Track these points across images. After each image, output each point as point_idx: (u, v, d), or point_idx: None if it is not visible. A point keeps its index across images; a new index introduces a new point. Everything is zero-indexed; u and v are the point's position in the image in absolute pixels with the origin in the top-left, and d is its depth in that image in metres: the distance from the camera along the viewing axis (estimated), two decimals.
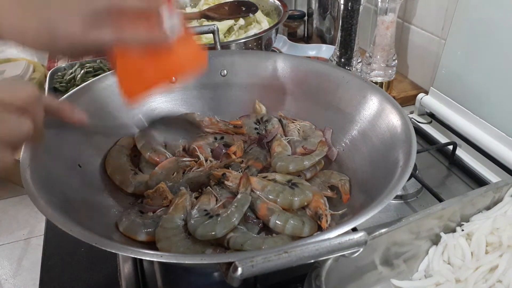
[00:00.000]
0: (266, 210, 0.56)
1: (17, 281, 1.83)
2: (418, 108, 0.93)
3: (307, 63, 0.76)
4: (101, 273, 0.63)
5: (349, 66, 1.01)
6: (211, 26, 0.79)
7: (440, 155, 0.83)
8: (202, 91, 0.78)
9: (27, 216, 2.14)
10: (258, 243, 0.52)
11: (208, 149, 0.70)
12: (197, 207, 0.56)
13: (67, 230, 0.42)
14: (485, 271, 0.51)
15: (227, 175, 0.61)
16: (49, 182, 0.50)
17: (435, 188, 0.70)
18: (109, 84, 0.69)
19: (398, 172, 0.51)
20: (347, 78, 0.70)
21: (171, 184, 0.62)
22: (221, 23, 1.03)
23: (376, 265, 0.52)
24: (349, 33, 0.97)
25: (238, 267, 0.35)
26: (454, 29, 0.81)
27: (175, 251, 0.51)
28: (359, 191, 0.60)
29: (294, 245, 0.37)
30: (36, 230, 2.06)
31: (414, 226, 0.52)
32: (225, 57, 0.78)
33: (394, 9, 0.89)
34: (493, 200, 0.58)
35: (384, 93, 0.65)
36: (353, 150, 0.66)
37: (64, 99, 0.64)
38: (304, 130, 0.72)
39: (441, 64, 0.86)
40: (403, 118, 0.59)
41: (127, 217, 0.56)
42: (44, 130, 0.45)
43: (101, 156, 0.64)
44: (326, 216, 0.56)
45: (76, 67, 1.09)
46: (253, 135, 0.73)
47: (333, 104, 0.71)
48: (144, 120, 0.73)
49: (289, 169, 0.64)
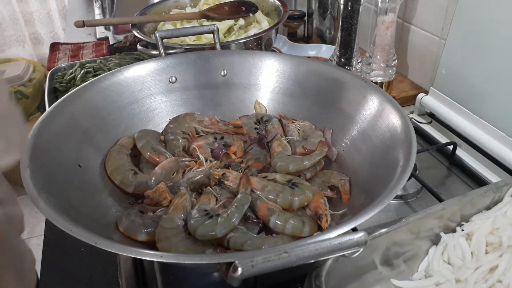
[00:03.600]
0: (266, 210, 0.56)
1: None
2: (418, 108, 0.93)
3: (307, 63, 0.76)
4: (101, 273, 0.63)
5: (349, 66, 1.01)
6: (211, 26, 0.79)
7: (440, 155, 0.83)
8: (202, 91, 0.78)
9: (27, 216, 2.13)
10: (258, 243, 0.52)
11: (208, 149, 0.70)
12: (197, 207, 0.56)
13: (67, 230, 0.42)
14: (485, 271, 0.51)
15: (227, 175, 0.61)
16: (49, 182, 0.50)
17: (435, 188, 0.70)
18: (109, 84, 0.69)
19: (398, 172, 0.51)
20: (347, 78, 0.70)
21: (171, 184, 0.62)
22: (221, 23, 1.03)
23: (376, 265, 0.52)
24: (349, 33, 0.97)
25: (238, 267, 0.35)
26: (454, 29, 0.81)
27: (175, 251, 0.51)
28: (359, 191, 0.60)
29: (294, 245, 0.37)
30: (36, 230, 2.06)
31: (414, 226, 0.52)
32: (225, 57, 0.78)
33: (394, 9, 0.89)
34: (493, 200, 0.58)
35: (384, 93, 0.65)
36: (353, 150, 0.66)
37: (64, 99, 0.64)
38: (304, 130, 0.72)
39: (441, 64, 0.86)
40: (403, 118, 0.58)
41: (127, 217, 0.56)
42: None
43: (101, 156, 0.64)
44: (326, 216, 0.56)
45: (76, 67, 1.09)
46: (253, 135, 0.73)
47: (333, 104, 0.71)
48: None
49: (289, 169, 0.64)
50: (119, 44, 1.29)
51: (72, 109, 0.63)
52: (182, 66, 0.76)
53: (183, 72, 0.76)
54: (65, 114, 0.62)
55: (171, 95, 0.76)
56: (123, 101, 0.71)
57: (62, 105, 0.63)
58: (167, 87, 0.75)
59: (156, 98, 0.75)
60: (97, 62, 1.11)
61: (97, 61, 1.12)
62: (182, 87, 0.76)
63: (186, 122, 0.73)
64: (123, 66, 0.73)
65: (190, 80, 0.77)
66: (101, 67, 1.08)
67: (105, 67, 1.08)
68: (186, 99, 0.77)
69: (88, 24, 0.97)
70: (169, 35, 0.78)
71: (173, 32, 0.79)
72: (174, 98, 0.76)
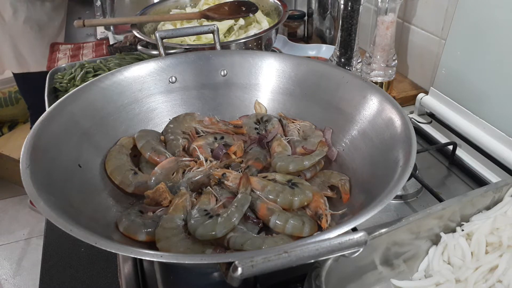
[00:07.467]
0: (266, 210, 0.56)
1: (17, 281, 1.83)
2: (418, 108, 0.93)
3: (307, 63, 0.76)
4: (101, 273, 0.63)
5: (349, 66, 1.01)
6: (211, 26, 0.79)
7: (440, 155, 0.83)
8: (202, 91, 0.78)
9: (27, 216, 2.14)
10: (258, 243, 0.52)
11: (208, 149, 0.70)
12: (197, 207, 0.56)
13: (67, 230, 0.42)
14: (485, 271, 0.51)
15: (227, 175, 0.61)
16: (49, 182, 0.50)
17: (435, 188, 0.70)
18: (109, 84, 0.69)
19: (398, 172, 0.51)
20: (347, 78, 0.70)
21: (171, 184, 0.62)
22: (221, 23, 1.03)
23: (376, 265, 0.52)
24: (349, 33, 0.97)
25: (238, 267, 0.35)
26: (454, 29, 0.81)
27: (175, 251, 0.51)
28: (359, 191, 0.60)
29: (294, 245, 0.37)
30: (36, 230, 2.06)
31: (414, 226, 0.52)
32: (225, 57, 0.78)
33: (394, 9, 0.89)
34: (493, 200, 0.58)
35: (384, 93, 0.65)
36: (353, 150, 0.66)
37: (64, 99, 0.64)
38: (304, 130, 0.72)
39: (441, 64, 0.86)
40: (403, 118, 0.58)
41: (127, 217, 0.56)
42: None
43: (101, 156, 0.64)
44: (326, 216, 0.56)
45: (76, 67, 1.09)
46: (253, 135, 0.73)
47: (333, 104, 0.71)
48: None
49: (289, 169, 0.64)
50: (119, 44, 1.29)
51: (72, 109, 0.63)
52: (182, 66, 0.76)
53: (183, 72, 0.76)
54: (65, 114, 0.62)
55: (171, 95, 0.76)
56: (123, 101, 0.71)
57: (62, 105, 0.62)
58: (167, 87, 0.75)
59: (156, 98, 0.75)
60: (97, 62, 1.11)
61: (97, 61, 1.12)
62: (182, 87, 0.76)
63: (186, 122, 0.73)
64: (123, 66, 0.73)
65: (190, 80, 0.77)
66: (101, 67, 1.08)
67: (105, 67, 1.08)
68: (186, 99, 0.77)
69: (88, 24, 0.97)
70: (169, 35, 0.78)
71: (173, 32, 0.79)
72: (174, 98, 0.76)
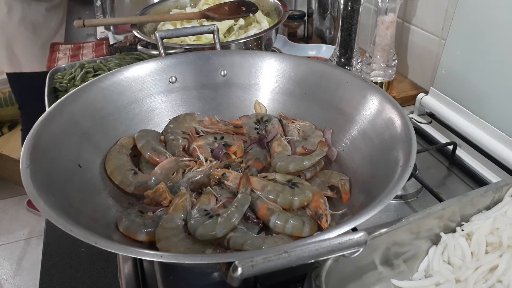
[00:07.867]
0: (266, 210, 0.56)
1: (17, 281, 1.83)
2: (418, 108, 0.93)
3: (307, 63, 0.76)
4: (101, 273, 0.63)
5: (349, 66, 1.01)
6: (211, 26, 0.79)
7: (440, 155, 0.83)
8: (202, 91, 0.78)
9: (27, 216, 2.14)
10: (258, 243, 0.52)
11: (208, 149, 0.70)
12: (197, 207, 0.56)
13: (67, 230, 0.42)
14: (485, 271, 0.51)
15: (227, 175, 0.61)
16: (49, 182, 0.50)
17: (435, 188, 0.70)
18: (109, 84, 0.69)
19: (398, 172, 0.51)
20: (347, 78, 0.70)
21: (171, 184, 0.62)
22: (221, 23, 1.03)
23: (376, 265, 0.52)
24: (349, 33, 0.97)
25: (238, 267, 0.35)
26: (454, 29, 0.81)
27: (175, 251, 0.51)
28: (359, 191, 0.60)
29: (294, 245, 0.37)
30: (36, 230, 2.06)
31: (414, 226, 0.52)
32: (225, 57, 0.78)
33: (394, 9, 0.89)
34: (493, 200, 0.58)
35: (384, 93, 0.65)
36: (353, 150, 0.66)
37: (64, 99, 0.64)
38: (304, 130, 0.72)
39: (441, 64, 0.86)
40: (403, 118, 0.58)
41: (127, 217, 0.56)
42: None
43: (101, 156, 0.64)
44: (326, 216, 0.56)
45: (76, 67, 1.09)
46: (253, 135, 0.73)
47: (333, 104, 0.71)
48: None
49: (289, 169, 0.64)
50: (119, 44, 1.29)
51: (72, 109, 0.63)
52: (182, 66, 0.76)
53: (183, 72, 0.76)
54: (65, 114, 0.62)
55: (171, 95, 0.76)
56: (123, 101, 0.71)
57: (62, 105, 0.62)
58: (167, 87, 0.75)
59: (156, 98, 0.75)
60: (97, 62, 1.11)
61: (97, 61, 1.12)
62: (182, 87, 0.76)
63: (186, 122, 0.73)
64: (123, 66, 0.73)
65: (190, 80, 0.77)
66: (101, 67, 1.08)
67: (105, 67, 1.08)
68: (186, 99, 0.77)
69: (88, 24, 0.97)
70: (169, 35, 0.78)
71: (173, 32, 0.79)
72: (174, 98, 0.76)
